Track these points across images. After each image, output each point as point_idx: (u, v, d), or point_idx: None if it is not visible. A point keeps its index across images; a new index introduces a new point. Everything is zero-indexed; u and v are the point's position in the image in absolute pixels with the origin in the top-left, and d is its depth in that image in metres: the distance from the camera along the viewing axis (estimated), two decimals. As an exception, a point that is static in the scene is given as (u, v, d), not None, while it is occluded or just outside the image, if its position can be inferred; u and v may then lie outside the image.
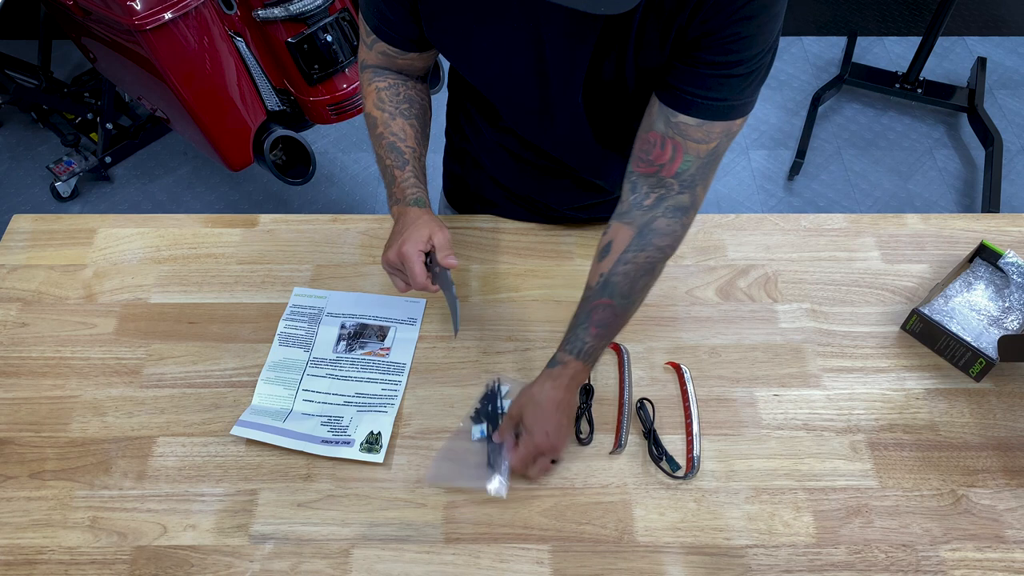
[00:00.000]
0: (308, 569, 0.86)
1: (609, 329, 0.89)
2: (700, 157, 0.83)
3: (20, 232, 1.18)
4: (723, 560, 0.86)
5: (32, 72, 2.45)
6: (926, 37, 2.42)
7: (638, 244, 0.87)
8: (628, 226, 0.88)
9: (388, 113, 0.97)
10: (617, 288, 0.87)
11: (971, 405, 0.99)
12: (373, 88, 0.98)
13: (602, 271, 0.88)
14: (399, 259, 0.89)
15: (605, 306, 0.88)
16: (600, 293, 0.88)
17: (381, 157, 0.97)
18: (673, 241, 0.88)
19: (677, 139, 0.82)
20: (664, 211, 0.87)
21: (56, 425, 0.97)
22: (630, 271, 0.87)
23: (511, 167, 1.10)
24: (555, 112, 0.92)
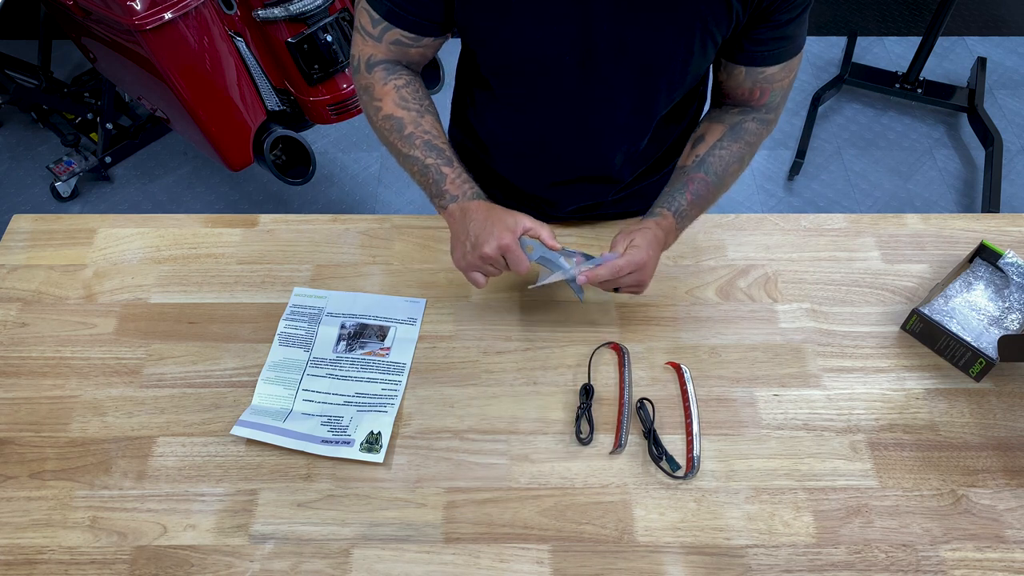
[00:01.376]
0: (308, 569, 0.86)
1: (701, 200, 0.98)
2: (784, 89, 0.98)
3: (20, 232, 1.18)
4: (723, 560, 0.86)
5: (32, 72, 2.45)
6: (926, 37, 2.42)
7: (731, 137, 0.99)
8: (719, 124, 1.00)
9: (415, 111, 0.95)
10: (712, 167, 0.98)
11: (971, 405, 0.99)
12: (392, 87, 0.95)
13: (698, 153, 0.99)
14: (500, 252, 0.89)
15: (701, 179, 0.98)
16: (696, 169, 0.98)
17: (417, 157, 0.94)
18: (759, 140, 1.01)
19: (764, 86, 0.96)
20: (752, 119, 1.00)
21: (56, 425, 0.97)
22: (724, 155, 0.98)
23: (519, 164, 1.10)
24: (593, 91, 0.92)
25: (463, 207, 0.93)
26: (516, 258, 0.89)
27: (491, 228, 0.89)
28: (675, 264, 1.13)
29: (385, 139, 0.98)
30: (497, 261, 0.90)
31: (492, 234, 0.89)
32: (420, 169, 0.95)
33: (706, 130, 1.01)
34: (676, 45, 0.87)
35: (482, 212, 0.91)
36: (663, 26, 0.85)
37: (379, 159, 2.59)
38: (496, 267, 0.91)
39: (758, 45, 0.90)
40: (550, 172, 1.09)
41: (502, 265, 0.91)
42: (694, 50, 0.87)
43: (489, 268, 0.92)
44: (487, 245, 0.89)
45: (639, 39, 0.86)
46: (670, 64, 0.90)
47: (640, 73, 0.90)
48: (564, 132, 1.00)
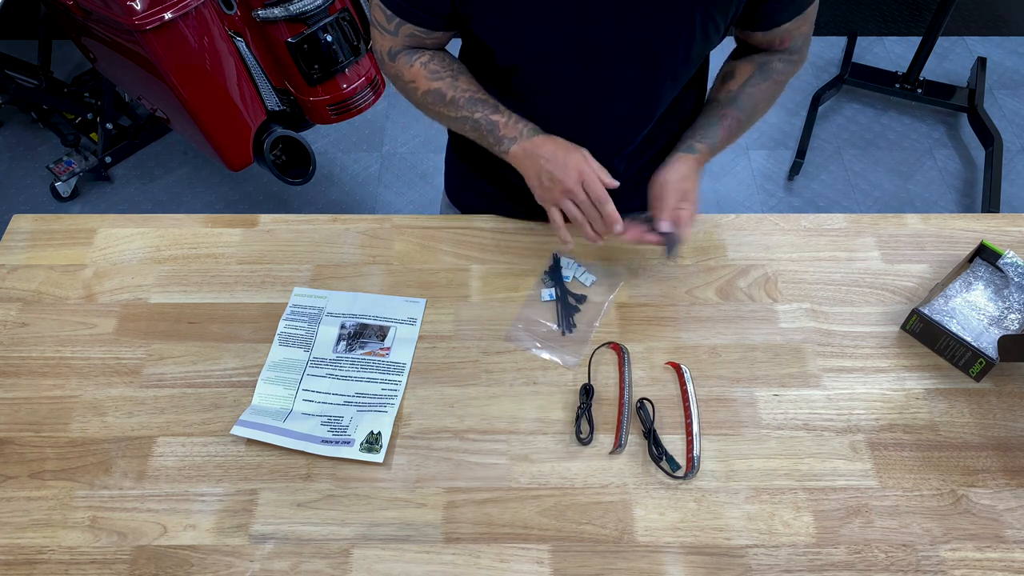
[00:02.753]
0: (308, 569, 0.86)
1: (732, 134, 1.03)
2: (804, 35, 1.00)
3: (20, 232, 1.18)
4: (723, 560, 0.86)
5: (32, 72, 2.45)
6: (926, 37, 2.42)
7: (760, 75, 1.02)
8: (748, 63, 1.03)
9: (449, 78, 0.98)
10: (743, 104, 1.02)
11: (971, 405, 0.99)
12: (419, 65, 0.98)
13: (730, 89, 1.03)
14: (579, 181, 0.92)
15: (734, 116, 1.02)
16: (729, 105, 1.02)
17: (465, 117, 0.98)
18: (786, 78, 1.04)
19: (783, 35, 0.99)
20: (778, 59, 1.03)
21: (56, 425, 0.97)
22: (754, 93, 1.02)
23: None
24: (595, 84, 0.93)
25: (524, 147, 0.96)
26: (593, 184, 0.92)
27: (566, 158, 0.93)
28: (675, 264, 1.13)
29: (432, 112, 1.01)
30: (578, 193, 0.93)
31: (567, 165, 0.93)
32: (472, 126, 0.98)
33: (734, 68, 1.04)
34: (677, 33, 0.88)
35: (548, 147, 0.95)
36: (663, 15, 0.85)
37: (379, 159, 2.59)
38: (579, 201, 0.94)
39: (770, 11, 0.93)
40: None
41: (584, 199, 0.93)
42: (695, 36, 0.89)
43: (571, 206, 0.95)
44: (568, 174, 0.92)
45: (640, 30, 0.86)
46: (672, 53, 0.91)
47: (642, 63, 0.91)
48: (567, 125, 1.01)
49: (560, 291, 1.08)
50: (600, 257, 1.14)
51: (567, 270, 1.11)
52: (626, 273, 1.12)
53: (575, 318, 1.06)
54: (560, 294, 1.08)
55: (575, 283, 1.10)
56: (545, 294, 1.09)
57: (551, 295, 1.08)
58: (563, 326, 1.05)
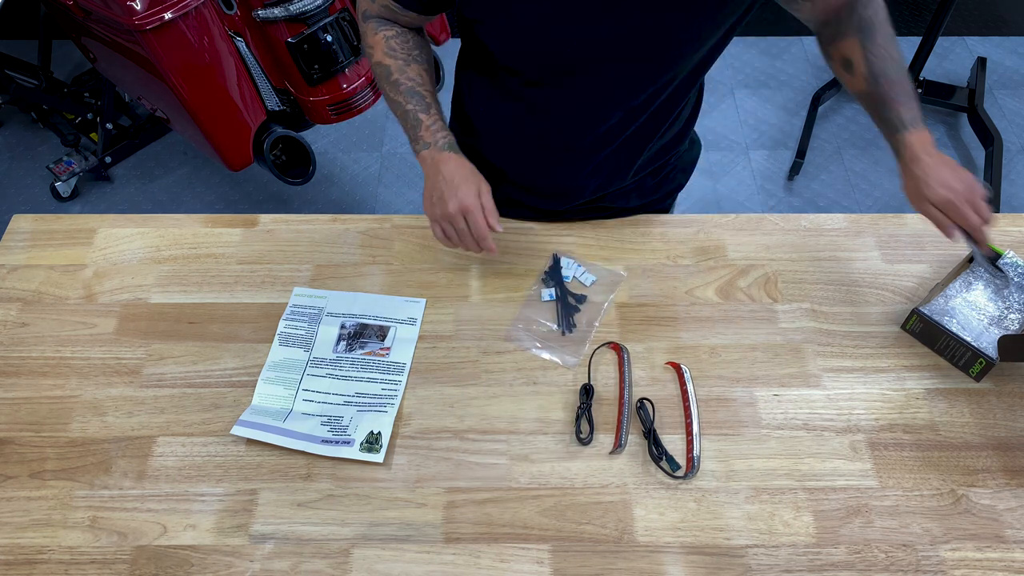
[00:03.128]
0: (308, 569, 0.86)
1: (910, 96, 0.95)
2: None
3: (20, 232, 1.18)
4: (723, 560, 0.86)
5: (32, 72, 2.45)
6: (926, 37, 2.42)
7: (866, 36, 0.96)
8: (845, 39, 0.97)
9: (401, 60, 0.99)
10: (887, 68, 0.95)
11: (971, 405, 0.99)
12: (381, 37, 0.99)
13: (862, 72, 0.97)
14: (461, 212, 0.93)
15: (891, 84, 0.95)
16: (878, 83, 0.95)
17: (399, 103, 0.99)
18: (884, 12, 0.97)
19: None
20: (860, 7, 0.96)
21: (56, 425, 0.97)
22: (882, 52, 0.95)
23: (519, 157, 1.10)
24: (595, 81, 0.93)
25: (434, 157, 0.97)
26: (476, 221, 0.93)
27: (457, 187, 0.94)
28: (675, 264, 1.13)
29: (379, 83, 1.03)
30: (457, 220, 0.94)
31: (455, 194, 0.93)
32: (401, 114, 1.00)
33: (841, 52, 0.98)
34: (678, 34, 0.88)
35: (451, 166, 0.95)
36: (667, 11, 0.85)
37: (379, 159, 2.59)
38: (456, 228, 0.95)
39: None
40: (551, 164, 1.09)
41: (463, 228, 0.95)
42: (696, 37, 0.88)
43: (450, 228, 0.96)
44: (451, 203, 0.93)
45: (642, 26, 0.86)
46: (672, 53, 0.90)
47: (644, 60, 0.91)
48: (566, 123, 1.01)
49: (560, 291, 1.09)
50: (600, 257, 1.14)
51: (567, 270, 1.11)
52: (626, 273, 1.12)
53: (575, 318, 1.06)
54: (560, 294, 1.08)
55: (575, 283, 1.10)
56: (545, 294, 1.09)
57: (551, 295, 1.08)
58: (563, 326, 1.05)
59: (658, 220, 1.19)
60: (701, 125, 1.17)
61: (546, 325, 1.06)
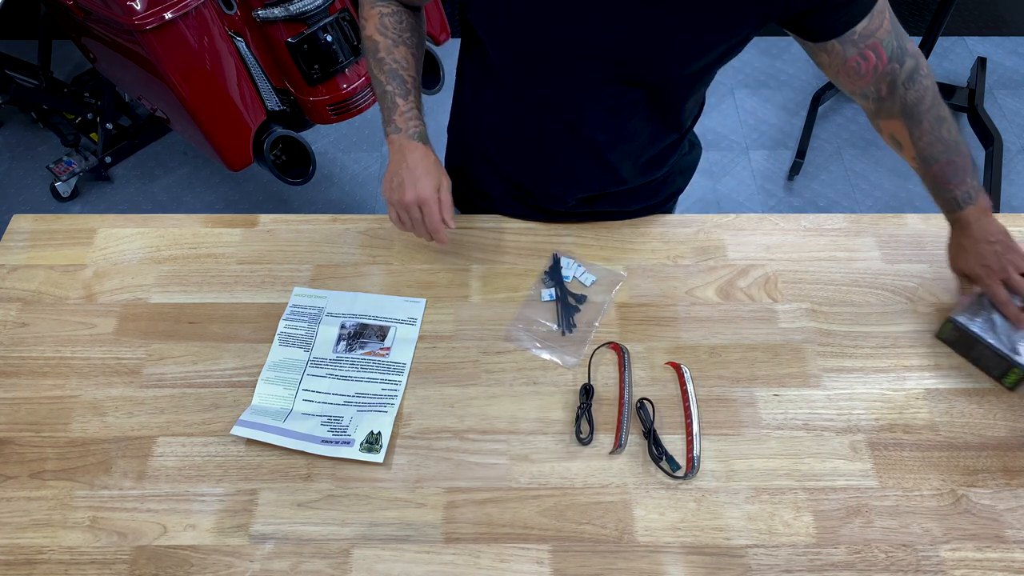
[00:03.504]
0: (308, 569, 0.86)
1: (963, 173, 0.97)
2: (891, 30, 0.91)
3: (20, 232, 1.18)
4: (723, 560, 0.86)
5: (32, 72, 2.45)
6: (926, 37, 2.42)
7: (913, 123, 0.95)
8: (892, 119, 0.97)
9: (391, 40, 0.99)
10: (935, 151, 0.96)
11: (971, 405, 0.99)
12: (376, 12, 1.00)
13: (912, 156, 0.98)
14: (417, 203, 0.95)
15: (942, 166, 0.97)
16: (928, 165, 0.97)
17: (381, 81, 1.00)
18: (930, 91, 0.95)
19: (869, 42, 0.90)
20: (902, 86, 0.94)
21: (56, 425, 0.97)
22: (930, 139, 0.96)
23: (519, 156, 1.10)
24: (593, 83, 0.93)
25: (402, 143, 0.98)
26: (431, 212, 0.95)
27: (417, 178, 0.95)
28: (675, 264, 1.13)
29: (366, 59, 1.03)
30: (413, 210, 0.96)
31: (415, 184, 0.95)
32: (380, 93, 1.00)
33: (889, 131, 0.99)
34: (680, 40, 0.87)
35: (415, 156, 0.97)
36: (668, 21, 0.85)
37: (379, 159, 2.59)
38: (411, 216, 0.97)
39: (827, 14, 0.87)
40: (551, 164, 1.09)
41: (417, 217, 0.96)
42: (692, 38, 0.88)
43: (404, 215, 0.97)
44: (409, 191, 0.95)
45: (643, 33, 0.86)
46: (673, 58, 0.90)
47: (643, 66, 0.91)
48: (566, 122, 1.01)
49: (560, 291, 1.09)
50: (600, 257, 1.14)
51: (567, 270, 1.11)
52: (626, 273, 1.12)
53: (575, 318, 1.06)
54: (560, 294, 1.08)
55: (575, 283, 1.10)
56: (545, 294, 1.09)
57: (551, 295, 1.08)
58: (563, 326, 1.05)
59: (658, 220, 1.19)
60: (701, 125, 1.17)
61: (546, 325, 1.06)
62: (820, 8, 0.86)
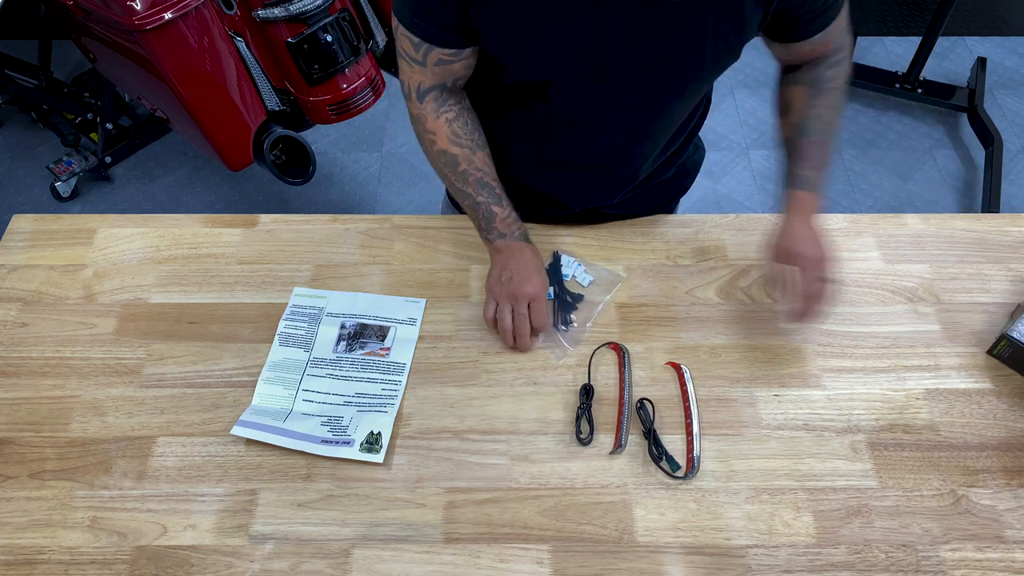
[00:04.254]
0: (308, 569, 0.86)
1: (821, 161, 0.98)
2: (842, 31, 0.97)
3: (20, 232, 1.18)
4: (723, 560, 0.86)
5: (32, 72, 2.45)
6: (926, 37, 2.42)
7: (815, 92, 0.98)
8: (798, 86, 1.00)
9: (468, 148, 1.00)
10: (814, 128, 0.98)
11: (971, 405, 0.99)
12: (444, 121, 0.98)
13: (793, 121, 1.00)
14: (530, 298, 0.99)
15: (810, 143, 0.98)
16: (800, 136, 0.98)
17: (469, 194, 1.02)
18: (842, 81, 0.99)
19: (825, 40, 0.95)
20: (824, 68, 0.99)
21: (56, 425, 0.97)
22: (820, 113, 0.98)
23: (528, 166, 1.10)
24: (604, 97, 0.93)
25: (509, 245, 1.02)
26: (539, 310, 1.00)
27: (531, 274, 1.00)
28: (675, 264, 1.13)
29: (439, 171, 1.04)
30: (522, 303, 0.99)
31: (530, 279, 1.00)
32: (471, 204, 1.03)
33: (788, 96, 1.02)
34: (688, 53, 0.87)
35: (527, 255, 1.02)
36: (675, 34, 0.85)
37: (379, 159, 2.59)
38: (517, 311, 1.00)
39: (804, 23, 0.91)
40: (559, 177, 1.09)
41: (524, 312, 0.99)
42: (706, 56, 0.88)
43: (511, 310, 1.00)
44: (525, 285, 0.99)
45: (651, 47, 0.86)
46: (683, 71, 0.90)
47: (652, 80, 0.91)
48: (575, 137, 1.01)
49: (558, 289, 1.09)
50: (600, 257, 1.14)
51: (567, 268, 1.11)
52: (626, 274, 1.12)
53: (571, 316, 1.06)
54: (558, 292, 1.08)
55: (573, 282, 1.10)
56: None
57: (549, 293, 1.08)
58: (559, 321, 1.05)
59: (658, 220, 1.19)
60: (704, 127, 1.17)
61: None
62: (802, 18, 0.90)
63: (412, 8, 0.88)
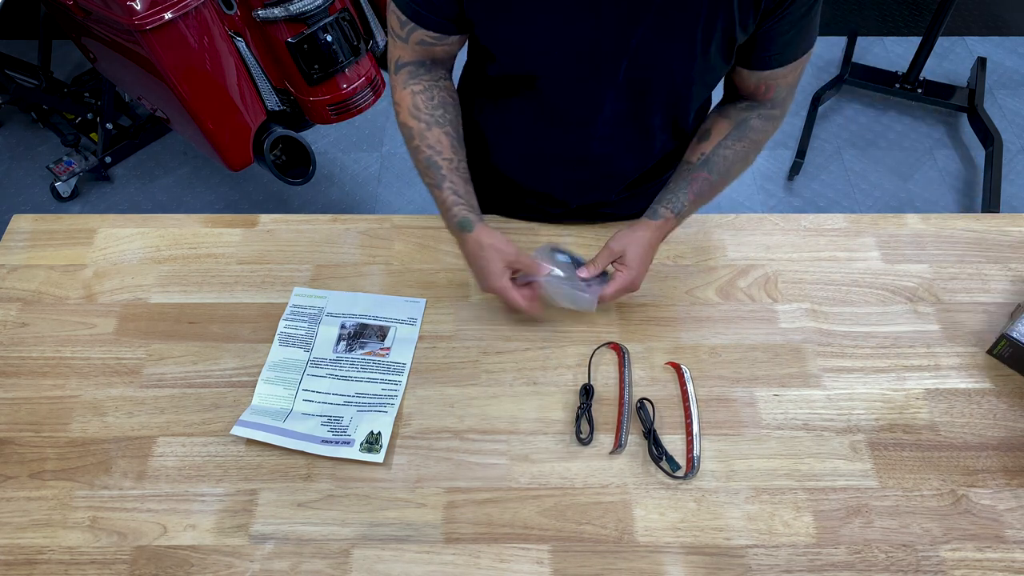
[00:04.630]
0: (308, 569, 0.86)
1: (702, 198, 1.01)
2: (789, 85, 0.98)
3: (20, 232, 1.18)
4: (723, 560, 0.86)
5: (32, 72, 2.45)
6: (926, 37, 2.42)
7: (736, 135, 1.00)
8: (726, 119, 1.01)
9: (424, 123, 0.98)
10: (716, 166, 1.00)
11: (971, 405, 0.99)
12: (408, 93, 0.98)
13: (703, 151, 1.01)
14: (496, 291, 0.97)
15: (704, 179, 1.00)
16: (700, 168, 1.00)
17: (420, 171, 1.01)
18: (765, 137, 1.01)
19: (769, 82, 0.96)
20: (757, 116, 1.00)
21: (56, 425, 0.97)
22: (728, 155, 1.00)
23: (522, 165, 1.10)
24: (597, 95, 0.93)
25: (456, 236, 1.00)
26: (506, 300, 0.97)
27: (479, 270, 0.98)
28: (675, 264, 1.13)
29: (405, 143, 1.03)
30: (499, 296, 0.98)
31: (483, 279, 0.98)
32: (425, 183, 1.01)
33: (712, 124, 1.02)
34: (677, 51, 0.87)
35: (468, 250, 0.98)
36: (667, 34, 0.85)
37: (379, 159, 2.59)
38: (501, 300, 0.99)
39: (765, 50, 0.91)
40: (553, 173, 1.09)
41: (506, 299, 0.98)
42: (696, 56, 0.88)
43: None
44: (483, 283, 0.98)
45: (641, 44, 0.86)
46: (673, 70, 0.90)
47: (644, 78, 0.91)
48: (567, 131, 1.01)
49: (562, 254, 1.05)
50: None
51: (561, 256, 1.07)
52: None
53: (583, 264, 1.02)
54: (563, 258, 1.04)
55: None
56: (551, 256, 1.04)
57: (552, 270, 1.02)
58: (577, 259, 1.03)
59: (658, 220, 1.19)
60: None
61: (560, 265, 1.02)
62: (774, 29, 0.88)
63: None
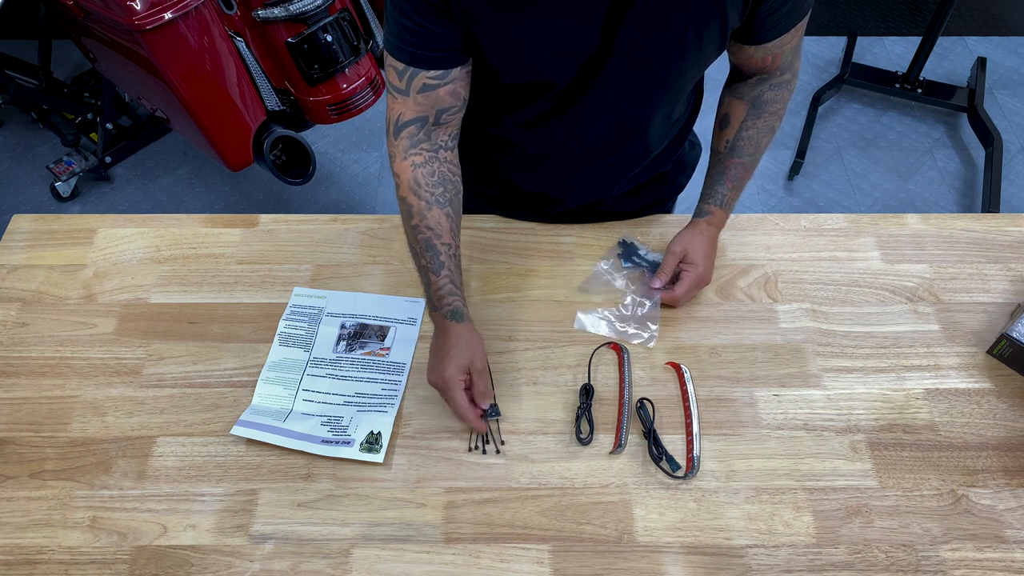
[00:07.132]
0: (308, 569, 0.86)
1: (741, 182, 1.06)
2: (793, 48, 0.98)
3: (20, 232, 1.18)
4: (723, 560, 0.86)
5: (32, 72, 2.45)
6: (926, 37, 2.42)
7: (755, 113, 1.02)
8: (740, 100, 1.03)
9: (424, 201, 0.93)
10: (744, 150, 1.04)
11: (971, 405, 0.99)
12: (408, 165, 0.93)
13: (727, 138, 1.05)
14: (442, 384, 0.90)
15: (736, 164, 1.05)
16: (730, 155, 1.05)
17: (416, 252, 0.95)
18: (783, 105, 1.03)
19: (775, 52, 0.96)
20: (770, 88, 1.01)
21: (56, 425, 0.97)
22: (752, 135, 1.03)
23: (522, 165, 1.10)
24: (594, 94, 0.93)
25: (438, 322, 0.95)
26: (450, 399, 0.91)
27: (442, 357, 0.91)
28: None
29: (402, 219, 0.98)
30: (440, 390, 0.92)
31: (438, 365, 0.91)
32: (416, 263, 0.97)
33: (730, 108, 1.05)
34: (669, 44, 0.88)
35: (448, 336, 0.92)
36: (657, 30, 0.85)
37: (379, 159, 2.59)
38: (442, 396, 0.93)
39: (763, 26, 0.92)
40: (551, 173, 1.09)
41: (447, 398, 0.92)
42: (687, 52, 0.88)
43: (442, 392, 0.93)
44: (431, 373, 0.92)
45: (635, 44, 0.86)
46: (666, 64, 0.90)
47: (638, 76, 0.91)
48: (566, 131, 1.01)
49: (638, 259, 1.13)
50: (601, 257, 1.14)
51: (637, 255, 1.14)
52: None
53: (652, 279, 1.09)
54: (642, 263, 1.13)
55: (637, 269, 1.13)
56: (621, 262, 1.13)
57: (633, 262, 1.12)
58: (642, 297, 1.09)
59: (658, 220, 1.19)
60: (701, 125, 1.17)
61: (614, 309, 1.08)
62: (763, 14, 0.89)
63: (398, 35, 0.87)
